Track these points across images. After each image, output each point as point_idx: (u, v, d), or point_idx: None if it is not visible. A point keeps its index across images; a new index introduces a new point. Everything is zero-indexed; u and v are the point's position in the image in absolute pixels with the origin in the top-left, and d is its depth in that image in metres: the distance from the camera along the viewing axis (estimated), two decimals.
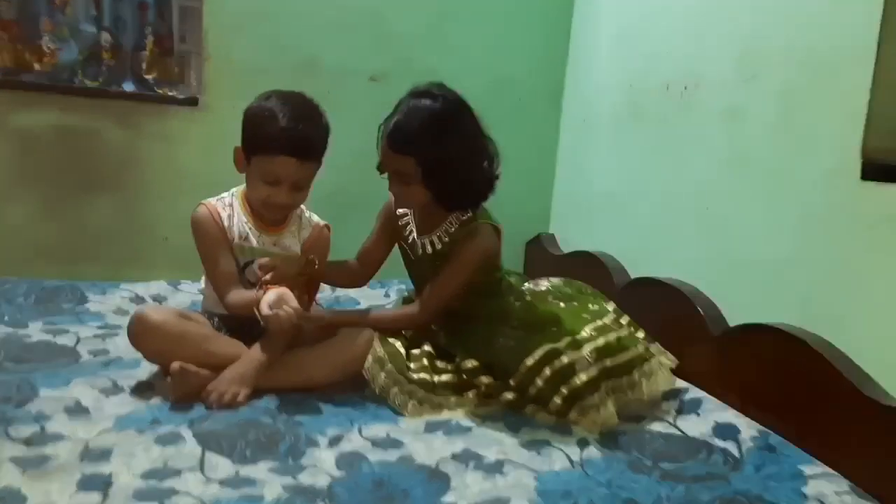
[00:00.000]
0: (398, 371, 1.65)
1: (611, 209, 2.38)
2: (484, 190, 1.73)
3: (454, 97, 1.69)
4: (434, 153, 1.63)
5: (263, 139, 1.65)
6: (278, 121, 1.64)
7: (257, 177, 1.69)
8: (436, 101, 1.65)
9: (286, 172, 1.67)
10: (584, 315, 1.75)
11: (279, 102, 1.67)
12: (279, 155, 1.64)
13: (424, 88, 1.69)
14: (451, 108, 1.67)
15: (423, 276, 1.84)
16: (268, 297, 1.56)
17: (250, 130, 1.70)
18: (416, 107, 1.65)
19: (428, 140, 1.63)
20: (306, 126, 1.67)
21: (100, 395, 1.58)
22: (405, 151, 1.64)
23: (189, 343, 1.63)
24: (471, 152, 1.69)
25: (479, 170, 1.71)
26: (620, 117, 2.35)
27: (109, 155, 2.45)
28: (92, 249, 2.48)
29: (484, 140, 1.71)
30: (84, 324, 2.07)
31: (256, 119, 1.68)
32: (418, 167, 1.64)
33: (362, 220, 2.04)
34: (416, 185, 1.67)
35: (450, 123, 1.65)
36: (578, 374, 1.59)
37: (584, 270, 2.35)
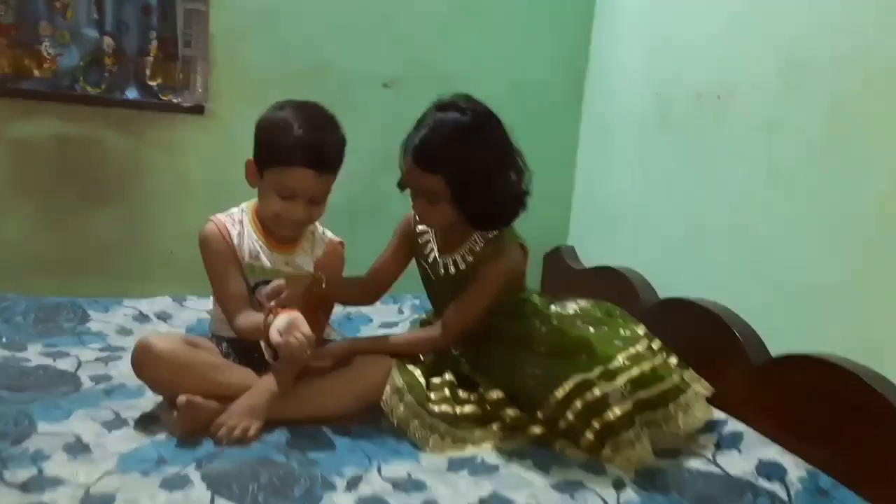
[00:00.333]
0: (418, 403, 1.55)
1: (635, 222, 2.28)
2: (515, 208, 1.63)
3: (483, 109, 1.59)
4: (463, 171, 1.53)
5: (278, 150, 1.56)
6: (294, 131, 1.55)
7: (272, 190, 1.59)
8: (464, 114, 1.55)
9: (303, 185, 1.57)
10: (616, 341, 1.64)
11: (294, 112, 1.57)
12: (296, 166, 1.55)
13: (450, 100, 1.58)
14: (480, 121, 1.56)
15: (444, 297, 1.74)
16: (278, 322, 1.46)
17: (264, 142, 1.60)
18: (443, 121, 1.55)
19: (457, 157, 1.52)
20: (323, 136, 1.57)
21: (101, 429, 1.49)
22: (432, 169, 1.53)
23: (196, 373, 1.53)
24: (502, 168, 1.59)
25: (509, 186, 1.60)
26: (646, 126, 2.25)
27: (112, 165, 2.36)
28: (94, 263, 2.38)
29: (514, 154, 1.61)
30: (85, 345, 1.98)
31: (270, 130, 1.58)
32: (446, 186, 1.54)
33: (374, 233, 1.94)
34: (443, 204, 1.57)
35: (480, 138, 1.54)
36: (612, 408, 1.49)
37: (607, 287, 2.25)
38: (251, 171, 1.63)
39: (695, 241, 1.98)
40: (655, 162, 2.19)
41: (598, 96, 2.58)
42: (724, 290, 1.82)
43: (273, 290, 1.51)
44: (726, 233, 1.87)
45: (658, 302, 2.02)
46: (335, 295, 1.74)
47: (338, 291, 1.74)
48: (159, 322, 2.21)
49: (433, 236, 1.74)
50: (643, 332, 1.76)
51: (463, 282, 1.67)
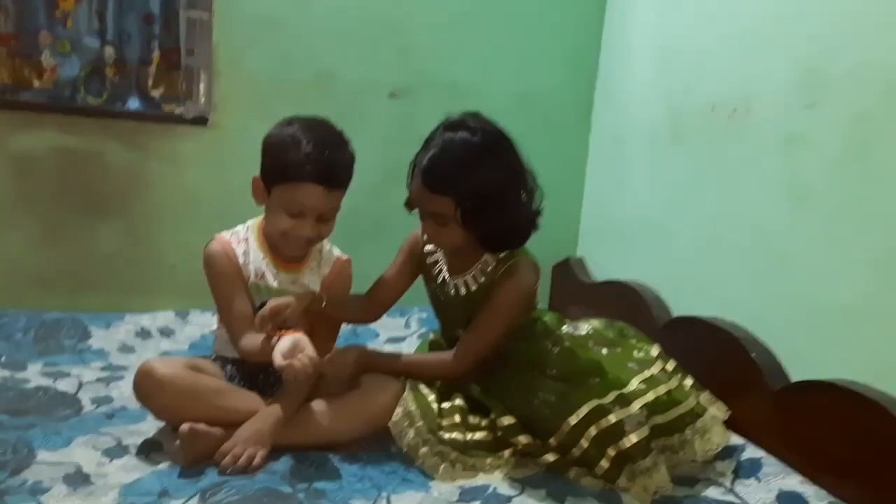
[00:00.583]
0: (428, 429, 1.51)
1: (648, 236, 2.23)
2: (526, 229, 1.59)
3: (493, 129, 1.54)
4: (474, 193, 1.48)
5: (287, 167, 1.51)
6: (303, 147, 1.51)
7: (280, 208, 1.55)
8: (474, 134, 1.50)
9: (312, 202, 1.53)
10: (630, 364, 1.60)
11: (302, 129, 1.53)
12: (305, 183, 1.51)
13: (459, 119, 1.54)
14: (490, 141, 1.52)
15: (454, 319, 1.69)
16: (282, 345, 1.41)
17: (272, 158, 1.56)
18: (452, 141, 1.50)
19: (467, 179, 1.48)
20: (333, 152, 1.53)
21: (102, 457, 1.45)
22: (442, 191, 1.49)
23: (200, 399, 1.49)
24: (513, 190, 1.54)
25: (521, 208, 1.56)
26: (658, 138, 2.20)
27: (114, 178, 2.31)
28: (95, 278, 2.34)
29: (525, 173, 1.56)
30: (86, 364, 1.94)
31: (278, 146, 1.54)
32: (456, 208, 1.49)
33: (379, 247, 1.91)
34: (453, 226, 1.52)
35: (490, 159, 1.50)
36: (628, 435, 1.44)
37: (618, 302, 2.21)
38: (258, 188, 1.59)
39: (710, 258, 1.93)
40: (668, 175, 2.14)
41: (609, 107, 2.53)
42: (741, 310, 1.77)
43: (273, 310, 1.47)
44: (744, 250, 1.82)
45: (671, 320, 1.97)
46: (335, 313, 1.69)
47: (338, 310, 1.68)
48: (162, 338, 2.18)
49: (442, 256, 1.69)
50: (657, 352, 1.72)
51: (474, 304, 1.63)
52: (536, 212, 1.59)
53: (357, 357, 1.62)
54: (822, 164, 1.61)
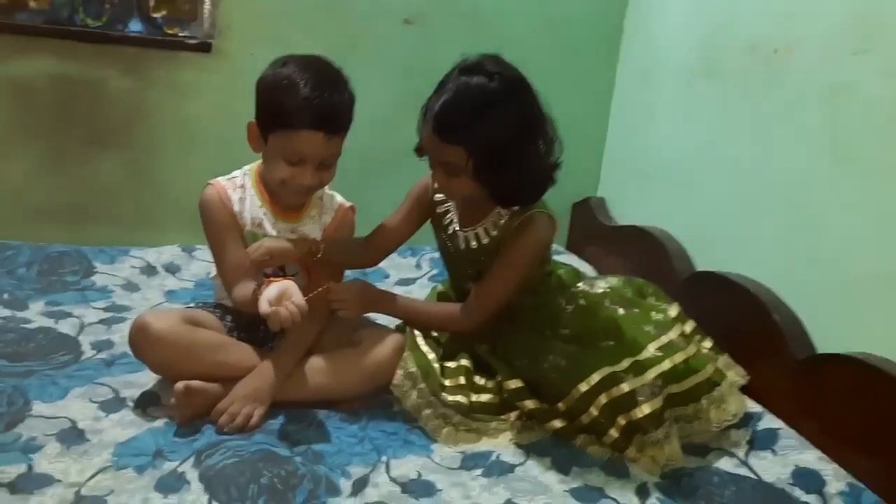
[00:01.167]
0: (431, 391, 1.46)
1: (672, 180, 2.11)
2: (542, 184, 1.48)
3: (512, 74, 1.42)
4: (488, 144, 1.38)
5: (284, 112, 1.41)
6: (299, 90, 1.40)
7: (277, 156, 1.46)
8: (491, 79, 1.38)
9: (312, 149, 1.43)
10: (647, 328, 1.52)
11: (298, 69, 1.42)
12: (303, 129, 1.41)
13: (475, 62, 1.41)
14: (509, 88, 1.40)
15: (464, 272, 1.62)
16: (268, 292, 1.34)
17: (267, 103, 1.46)
18: (467, 86, 1.38)
19: (481, 128, 1.37)
20: (332, 94, 1.43)
21: (98, 411, 1.42)
22: (454, 140, 1.38)
23: (197, 353, 1.44)
24: (531, 141, 1.43)
25: (538, 161, 1.45)
26: (690, 74, 2.05)
27: (114, 107, 2.22)
28: (98, 211, 2.28)
29: (544, 123, 1.45)
30: (89, 303, 1.90)
31: (273, 90, 1.44)
32: (469, 159, 1.39)
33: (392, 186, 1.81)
34: (464, 178, 1.42)
35: (508, 108, 1.38)
36: (640, 406, 1.38)
37: (639, 249, 2.12)
38: (253, 134, 1.49)
39: (740, 210, 1.82)
40: (699, 115, 2.00)
41: (639, 37, 2.36)
42: (769, 270, 1.67)
43: (269, 250, 1.44)
44: (777, 205, 1.70)
45: (693, 274, 1.88)
46: (331, 259, 1.59)
47: (334, 255, 1.59)
48: (167, 275, 2.13)
49: (453, 206, 1.60)
50: (676, 312, 1.63)
51: (486, 257, 1.55)
52: (554, 165, 1.48)
53: (360, 291, 1.53)
54: (868, 119, 1.47)
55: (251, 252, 1.46)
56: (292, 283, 1.37)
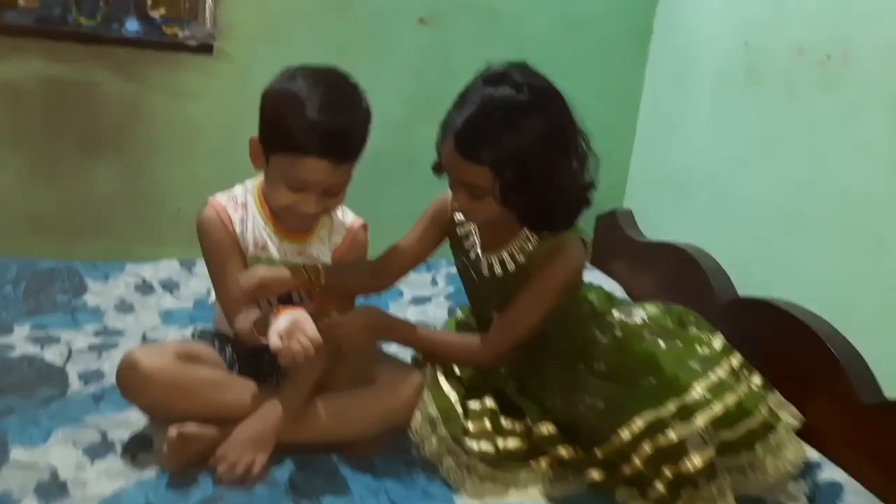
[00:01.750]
0: (454, 438, 1.31)
1: (709, 194, 1.95)
2: (577, 207, 1.33)
3: (542, 84, 1.26)
4: (517, 162, 1.22)
5: (287, 134, 1.26)
6: (307, 111, 1.25)
7: (279, 180, 1.31)
8: (519, 91, 1.23)
9: (316, 177, 1.28)
10: (693, 364, 1.37)
11: (308, 85, 1.27)
12: (308, 156, 1.26)
13: (501, 72, 1.26)
14: (539, 99, 1.24)
15: (486, 300, 1.47)
16: (278, 324, 1.21)
17: (270, 121, 1.31)
18: (492, 99, 1.23)
19: (509, 146, 1.21)
20: (343, 117, 1.27)
21: (83, 457, 1.28)
22: (478, 159, 1.23)
23: (192, 394, 1.29)
24: (564, 161, 1.28)
25: (572, 182, 1.30)
26: (729, 79, 1.89)
27: (110, 112, 2.08)
28: (91, 223, 2.14)
29: (578, 138, 1.29)
30: (79, 327, 1.76)
31: (278, 107, 1.29)
32: (494, 180, 1.24)
33: (406, 192, 1.72)
34: (489, 200, 1.27)
35: (538, 122, 1.22)
36: (690, 456, 1.23)
37: (671, 268, 1.97)
38: (255, 152, 1.35)
39: (786, 229, 1.66)
40: (739, 125, 1.85)
41: (670, 38, 2.20)
42: (822, 297, 1.52)
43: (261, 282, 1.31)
44: (829, 225, 1.55)
45: (736, 300, 1.72)
46: (337, 286, 1.43)
47: (339, 279, 1.42)
48: (164, 293, 1.99)
49: (475, 229, 1.45)
50: (721, 344, 1.49)
51: (512, 285, 1.39)
52: (588, 184, 1.33)
53: (367, 321, 1.37)
54: None
55: (242, 283, 1.31)
56: (304, 312, 1.23)
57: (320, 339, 1.20)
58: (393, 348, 1.55)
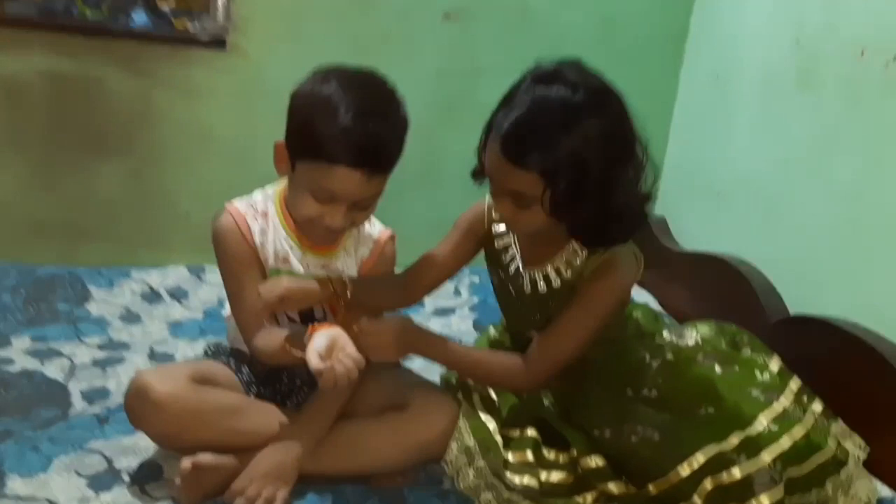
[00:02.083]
0: (493, 472, 1.19)
1: (754, 201, 1.83)
2: (634, 221, 1.21)
3: (600, 85, 1.14)
4: (572, 170, 1.10)
5: (318, 142, 1.15)
6: (339, 117, 1.13)
7: (304, 188, 1.19)
8: (575, 91, 1.10)
9: (346, 189, 1.17)
10: (753, 392, 1.25)
11: (342, 89, 1.15)
12: (338, 165, 1.14)
13: (554, 70, 1.14)
14: (596, 101, 1.12)
15: (527, 318, 1.34)
16: (316, 342, 1.11)
17: (299, 125, 1.19)
18: (545, 99, 1.11)
19: (564, 150, 1.09)
20: (379, 125, 1.16)
21: (87, 490, 1.17)
22: (529, 165, 1.10)
23: (207, 422, 1.18)
24: (623, 167, 1.16)
25: (630, 192, 1.18)
26: (778, 81, 1.77)
27: (116, 110, 1.96)
28: (96, 226, 2.03)
29: (638, 146, 1.18)
30: (82, 338, 1.65)
31: (309, 111, 1.17)
32: (546, 189, 1.12)
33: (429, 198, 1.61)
34: (537, 209, 1.15)
35: (596, 125, 1.11)
36: (758, 497, 1.12)
37: (713, 282, 1.85)
38: (280, 156, 1.23)
39: (843, 242, 1.55)
40: (790, 130, 1.73)
41: (710, 36, 2.09)
42: (888, 317, 1.40)
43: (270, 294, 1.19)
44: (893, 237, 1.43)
45: (787, 318, 1.60)
46: (364, 300, 1.31)
47: (366, 295, 1.31)
48: (172, 302, 1.88)
49: (515, 241, 1.33)
50: (778, 367, 1.37)
51: (556, 303, 1.27)
52: (646, 196, 1.21)
53: (400, 330, 1.23)
54: None
55: (264, 294, 1.20)
56: (341, 330, 1.14)
57: (363, 359, 1.11)
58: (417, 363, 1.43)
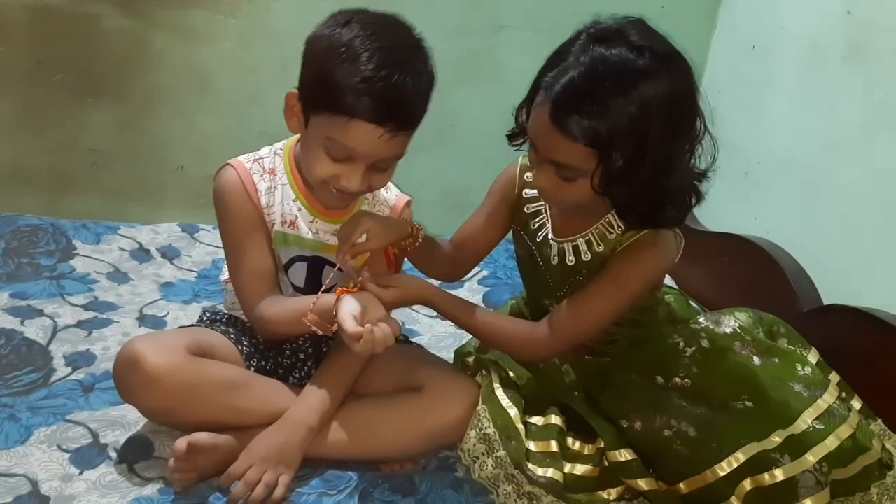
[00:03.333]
0: (514, 462, 1.09)
1: (788, 183, 1.73)
2: (690, 202, 1.10)
3: (667, 48, 1.02)
4: (631, 144, 0.99)
5: (335, 92, 1.02)
6: (360, 66, 1.01)
7: (319, 146, 1.07)
8: (640, 54, 0.98)
9: (365, 147, 1.05)
10: (796, 387, 1.15)
11: (364, 34, 1.03)
12: (358, 120, 1.02)
13: (616, 28, 1.01)
14: (663, 67, 1.00)
15: (551, 290, 1.24)
16: (348, 306, 1.02)
17: (315, 74, 1.07)
18: (605, 61, 0.98)
19: (623, 121, 0.98)
20: (405, 77, 1.03)
21: (70, 466, 1.07)
22: (581, 136, 0.99)
23: (206, 396, 1.08)
24: (683, 142, 1.05)
25: (687, 171, 1.07)
26: (824, 54, 1.66)
27: (108, 51, 1.81)
28: (83, 176, 1.89)
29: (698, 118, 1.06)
30: (66, 296, 1.53)
31: (326, 58, 1.04)
32: (599, 164, 1.00)
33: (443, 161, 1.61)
34: (583, 183, 1.04)
35: (662, 95, 0.99)
36: (802, 501, 1.04)
37: (739, 265, 1.75)
38: (292, 109, 1.10)
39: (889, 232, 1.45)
40: (836, 107, 1.62)
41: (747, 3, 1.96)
42: None
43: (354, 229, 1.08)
44: None
45: (821, 307, 1.51)
46: (420, 258, 1.24)
47: (425, 258, 1.24)
48: (163, 261, 1.76)
49: (546, 208, 1.22)
50: (816, 359, 1.29)
51: (584, 276, 1.17)
52: (702, 173, 1.10)
53: (421, 287, 1.18)
54: None
55: (343, 234, 1.09)
56: (371, 295, 1.06)
57: (399, 326, 1.05)
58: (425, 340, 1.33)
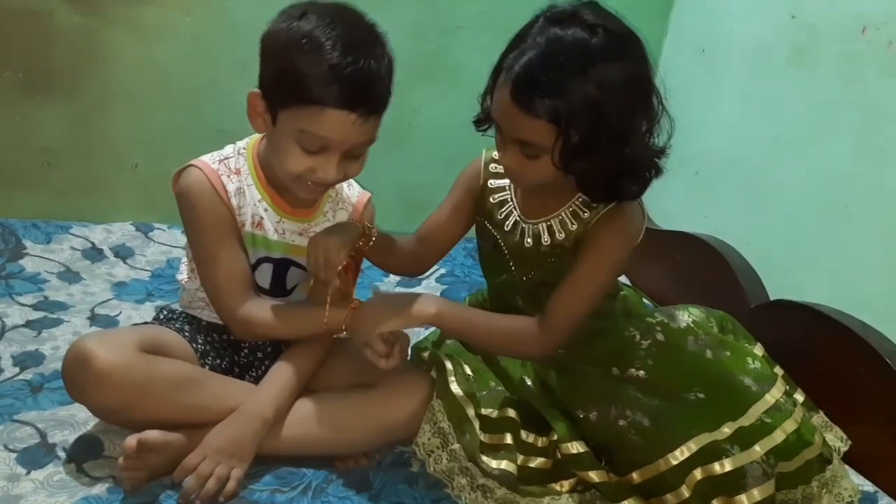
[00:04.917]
0: (469, 455, 1.11)
1: (736, 182, 1.78)
2: (649, 176, 1.12)
3: (619, 28, 1.04)
4: (588, 119, 1.01)
5: (303, 83, 1.02)
6: (324, 54, 1.01)
7: (291, 141, 1.06)
8: (593, 33, 1.00)
9: (340, 134, 1.05)
10: (746, 379, 1.18)
11: (322, 24, 1.03)
12: (330, 108, 1.02)
13: (571, 10, 1.02)
14: (618, 45, 1.02)
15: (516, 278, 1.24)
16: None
17: (279, 71, 1.05)
18: (561, 41, 1.00)
19: (581, 98, 0.99)
20: (369, 61, 1.04)
21: (17, 466, 1.05)
22: (541, 113, 1.00)
23: (158, 395, 1.06)
24: (641, 118, 1.07)
25: (645, 145, 1.09)
26: (770, 57, 1.71)
27: (61, 47, 1.77)
28: (34, 174, 1.84)
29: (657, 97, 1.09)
30: (14, 297, 1.51)
31: (289, 52, 1.03)
32: (558, 138, 1.02)
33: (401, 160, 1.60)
34: (546, 161, 1.05)
35: (616, 71, 1.01)
36: (749, 491, 1.06)
37: (689, 262, 1.80)
38: (256, 109, 1.09)
39: (832, 228, 1.50)
40: (780, 108, 1.67)
41: (697, 8, 2.01)
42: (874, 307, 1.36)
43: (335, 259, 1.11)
44: (885, 226, 1.39)
45: (767, 302, 1.55)
46: (378, 259, 1.25)
47: (384, 255, 1.24)
48: (116, 260, 1.74)
49: (512, 195, 1.23)
50: (761, 353, 1.32)
51: (556, 259, 1.18)
52: (661, 150, 1.12)
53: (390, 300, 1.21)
54: None
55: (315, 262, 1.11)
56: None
57: (408, 339, 1.15)
58: None
